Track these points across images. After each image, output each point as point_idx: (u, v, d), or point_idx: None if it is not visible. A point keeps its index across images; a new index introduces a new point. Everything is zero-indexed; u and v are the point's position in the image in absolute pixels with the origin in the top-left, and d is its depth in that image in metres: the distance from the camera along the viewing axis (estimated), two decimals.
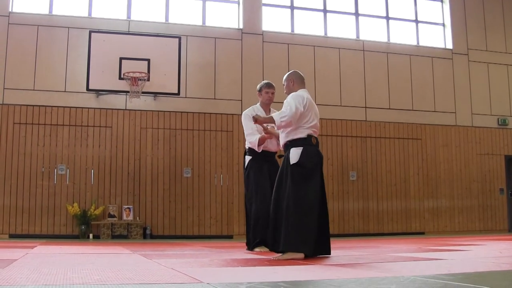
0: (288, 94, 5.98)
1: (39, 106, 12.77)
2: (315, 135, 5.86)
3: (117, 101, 13.21)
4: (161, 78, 12.56)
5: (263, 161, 7.18)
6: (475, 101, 15.92)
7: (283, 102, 5.86)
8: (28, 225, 12.36)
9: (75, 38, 13.12)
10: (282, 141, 5.97)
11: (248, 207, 7.26)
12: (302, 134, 5.74)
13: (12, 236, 12.14)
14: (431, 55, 15.80)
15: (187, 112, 13.61)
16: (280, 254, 5.45)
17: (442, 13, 16.28)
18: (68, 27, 13.18)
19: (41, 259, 5.14)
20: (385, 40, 15.65)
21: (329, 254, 5.62)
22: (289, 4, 15.07)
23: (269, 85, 7.57)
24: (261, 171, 7.16)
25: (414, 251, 6.54)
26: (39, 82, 12.86)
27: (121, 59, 12.34)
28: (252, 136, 7.15)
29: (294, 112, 5.62)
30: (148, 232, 12.81)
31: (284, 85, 6.22)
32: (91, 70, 12.29)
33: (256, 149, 7.08)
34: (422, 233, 14.77)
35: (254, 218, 6.98)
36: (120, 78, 12.28)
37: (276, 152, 7.41)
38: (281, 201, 5.63)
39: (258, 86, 7.66)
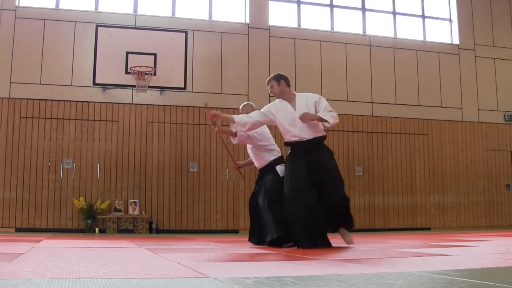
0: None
1: (46, 100, 12.80)
2: None
3: (124, 95, 13.23)
4: (167, 73, 12.57)
5: None
6: (481, 96, 15.88)
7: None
8: (34, 219, 12.41)
9: (82, 32, 13.14)
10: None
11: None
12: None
13: (19, 230, 12.20)
14: (438, 50, 15.75)
15: (193, 107, 13.61)
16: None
17: (449, 8, 16.22)
18: (75, 21, 13.19)
19: (47, 253, 5.15)
20: (392, 35, 15.62)
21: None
22: None
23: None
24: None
25: (420, 247, 6.53)
26: (46, 76, 12.89)
27: (127, 53, 12.36)
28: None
29: None
30: (154, 226, 12.84)
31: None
32: (98, 64, 12.31)
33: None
34: (428, 229, 14.76)
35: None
36: (126, 72, 12.30)
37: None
38: None
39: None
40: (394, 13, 15.79)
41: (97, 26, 12.53)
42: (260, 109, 6.63)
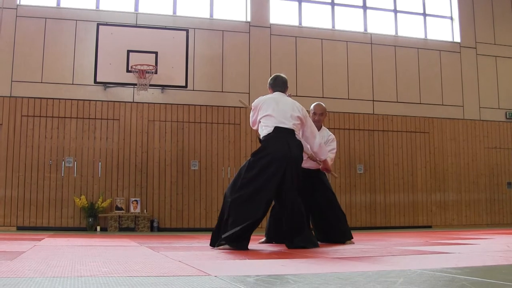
0: None
1: (47, 98, 12.80)
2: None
3: (125, 94, 13.23)
4: (168, 71, 12.56)
5: None
6: (483, 94, 15.86)
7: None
8: (35, 217, 12.41)
9: (83, 31, 13.13)
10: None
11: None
12: None
13: (20, 228, 12.20)
14: (439, 48, 15.73)
15: (195, 105, 13.61)
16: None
17: (450, 6, 16.20)
18: (76, 20, 13.19)
19: (49, 252, 5.15)
20: (393, 33, 15.60)
21: None
22: None
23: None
24: None
25: (421, 245, 6.53)
26: (47, 75, 12.89)
27: (128, 51, 12.35)
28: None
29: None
30: (155, 224, 12.84)
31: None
32: (99, 62, 12.31)
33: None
34: (429, 227, 14.76)
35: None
36: (127, 70, 12.30)
37: None
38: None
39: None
40: (395, 11, 15.77)
41: (98, 25, 12.52)
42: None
